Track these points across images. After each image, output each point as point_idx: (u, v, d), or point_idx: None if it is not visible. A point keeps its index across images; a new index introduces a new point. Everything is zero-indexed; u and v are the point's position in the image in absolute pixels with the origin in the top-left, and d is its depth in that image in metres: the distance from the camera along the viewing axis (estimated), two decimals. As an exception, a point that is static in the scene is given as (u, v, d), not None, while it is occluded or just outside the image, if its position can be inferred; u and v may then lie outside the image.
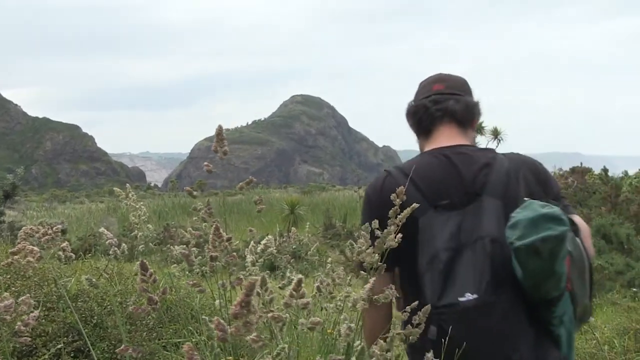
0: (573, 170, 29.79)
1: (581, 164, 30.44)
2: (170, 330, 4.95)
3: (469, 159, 2.84)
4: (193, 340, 4.87)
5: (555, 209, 2.51)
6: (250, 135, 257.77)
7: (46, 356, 3.75)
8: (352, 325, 2.32)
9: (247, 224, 32.13)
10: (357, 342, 2.53)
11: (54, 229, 2.73)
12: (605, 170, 28.03)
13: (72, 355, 3.85)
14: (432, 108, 3.00)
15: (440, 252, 2.61)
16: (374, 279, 2.38)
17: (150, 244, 5.70)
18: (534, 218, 2.48)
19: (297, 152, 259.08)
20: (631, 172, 27.68)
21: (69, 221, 29.37)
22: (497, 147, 36.12)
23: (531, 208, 2.53)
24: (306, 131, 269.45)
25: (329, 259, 4.32)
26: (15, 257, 2.46)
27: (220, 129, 2.27)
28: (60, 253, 2.72)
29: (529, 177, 2.83)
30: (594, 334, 5.50)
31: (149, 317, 4.49)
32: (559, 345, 2.66)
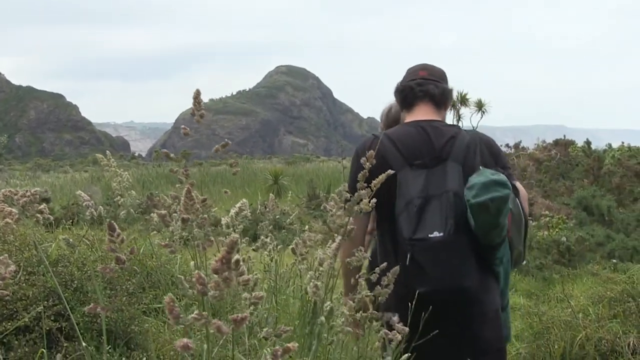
0: (556, 142, 29.87)
1: (564, 136, 30.51)
2: (151, 295, 4.99)
3: (440, 132, 3.70)
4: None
5: (502, 176, 3.40)
6: (234, 105, 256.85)
7: (26, 319, 3.78)
8: (319, 283, 2.39)
9: (232, 193, 32.17)
10: (328, 303, 2.60)
11: (32, 191, 2.74)
12: (588, 142, 28.15)
13: (52, 319, 3.88)
14: (417, 89, 3.88)
15: (414, 198, 3.43)
16: (340, 237, 2.62)
17: (132, 210, 5.73)
18: (485, 182, 3.34)
19: (281, 122, 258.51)
20: (615, 145, 27.82)
21: (52, 190, 29.30)
22: (480, 119, 36.21)
23: (484, 174, 3.40)
24: (291, 102, 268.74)
25: (306, 227, 4.40)
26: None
27: (197, 93, 2.33)
28: (39, 215, 2.74)
29: (484, 150, 3.70)
30: (569, 302, 5.58)
31: (129, 282, 4.52)
32: (498, 281, 3.64)
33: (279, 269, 5.47)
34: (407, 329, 2.81)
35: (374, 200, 2.67)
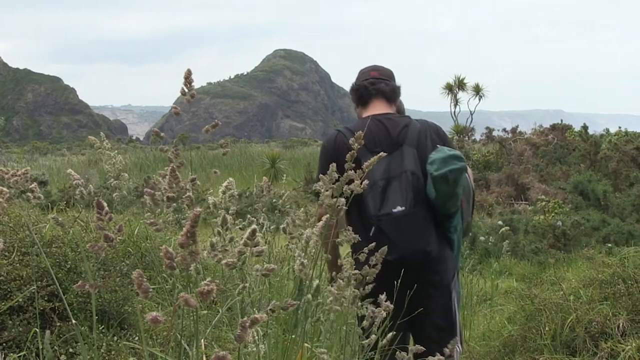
0: (553, 127, 29.90)
1: (561, 121, 30.53)
2: (145, 276, 5.01)
3: (394, 122, 4.29)
4: (167, 286, 4.95)
5: (458, 152, 4.03)
6: (232, 89, 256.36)
7: (20, 299, 3.80)
8: (305, 261, 2.43)
9: (229, 177, 32.12)
10: (316, 282, 2.65)
11: (22, 170, 2.76)
12: (585, 127, 28.16)
13: (45, 299, 3.90)
14: (370, 87, 4.47)
15: (378, 180, 4.01)
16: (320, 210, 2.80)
17: (126, 193, 5.75)
18: (444, 157, 3.95)
19: (279, 106, 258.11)
20: (613, 130, 27.82)
21: (50, 173, 29.27)
22: (478, 103, 36.17)
23: (442, 151, 4.02)
24: (289, 86, 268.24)
25: (301, 209, 4.47)
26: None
27: (188, 72, 2.35)
28: (30, 195, 2.75)
29: (433, 135, 4.29)
30: (561, 285, 5.61)
31: (123, 263, 4.55)
32: (452, 247, 4.26)
33: (273, 251, 5.51)
34: (392, 305, 3.17)
35: (366, 182, 2.95)
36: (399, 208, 3.95)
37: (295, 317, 2.48)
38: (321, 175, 2.91)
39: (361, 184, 2.89)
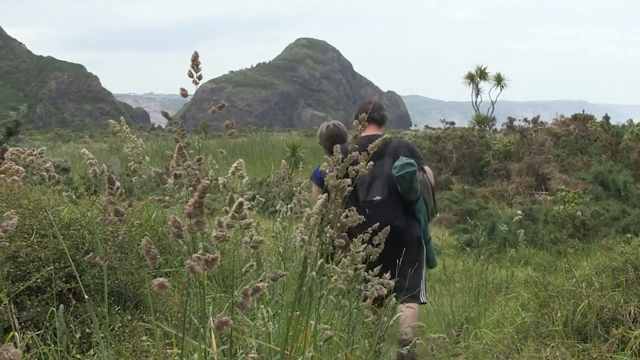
0: (575, 117, 29.75)
1: (583, 111, 30.35)
2: (162, 259, 5.07)
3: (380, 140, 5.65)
4: (183, 269, 5.01)
5: (411, 160, 6.00)
6: (254, 77, 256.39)
7: (38, 280, 3.88)
8: (306, 237, 2.48)
9: (250, 165, 32.25)
10: (321, 260, 2.70)
11: (38, 150, 2.82)
12: (606, 117, 28.02)
13: (63, 280, 3.98)
14: (367, 116, 5.46)
15: (366, 178, 6.01)
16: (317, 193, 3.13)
17: (145, 177, 5.81)
18: (403, 164, 5.96)
19: (301, 95, 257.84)
20: (636, 121, 27.62)
21: (72, 160, 29.44)
22: (500, 93, 36.07)
23: (401, 160, 6.00)
24: (311, 74, 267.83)
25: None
26: (2, 175, 2.56)
27: (195, 55, 2.40)
28: (45, 174, 2.81)
29: (405, 150, 6.26)
30: (574, 272, 5.64)
31: (140, 246, 4.61)
32: (420, 224, 6.31)
33: (289, 236, 5.55)
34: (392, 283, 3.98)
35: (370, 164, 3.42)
36: (377, 197, 6.11)
37: (298, 294, 2.53)
38: (325, 156, 3.23)
39: (355, 178, 3.21)
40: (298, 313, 2.55)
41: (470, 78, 34.74)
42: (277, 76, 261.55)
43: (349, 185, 3.17)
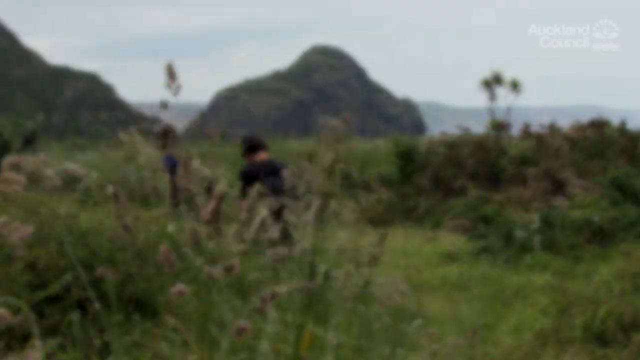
0: (592, 123, 29.64)
1: (600, 117, 30.22)
2: (180, 267, 5.08)
3: (273, 163, 9.26)
4: (201, 277, 5.01)
5: (283, 177, 6.17)
6: (269, 85, 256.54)
7: (56, 288, 3.90)
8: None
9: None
10: (323, 267, 2.70)
11: (40, 159, 2.83)
12: (623, 123, 27.91)
13: (81, 287, 3.99)
14: (257, 143, 9.61)
15: (269, 186, 5.85)
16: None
17: (159, 186, 5.83)
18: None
19: (316, 102, 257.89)
20: (656, 126, 27.55)
21: (88, 168, 29.45)
22: (516, 99, 35.95)
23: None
24: (325, 82, 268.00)
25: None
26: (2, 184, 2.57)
27: (170, 66, 2.41)
28: (48, 182, 2.82)
29: (284, 168, 6.41)
30: (592, 279, 5.62)
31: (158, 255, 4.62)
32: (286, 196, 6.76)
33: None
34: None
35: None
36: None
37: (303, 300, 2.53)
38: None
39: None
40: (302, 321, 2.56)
41: (486, 84, 34.66)
42: (291, 83, 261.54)
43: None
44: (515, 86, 36.61)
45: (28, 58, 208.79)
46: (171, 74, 2.40)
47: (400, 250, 12.57)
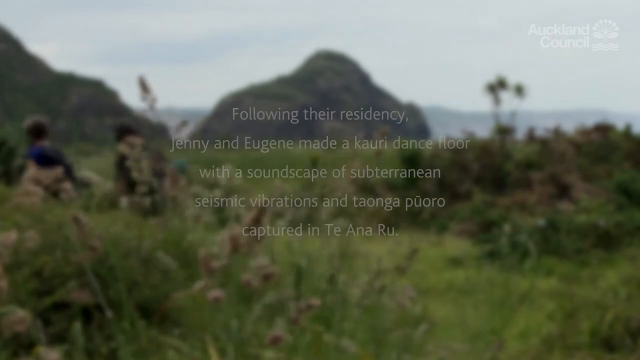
0: (596, 127, 29.62)
1: (605, 120, 30.22)
2: (186, 273, 5.07)
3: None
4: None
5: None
6: (274, 90, 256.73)
7: (62, 295, 3.89)
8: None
9: (268, 177, 32.36)
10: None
11: (56, 171, 2.84)
12: (628, 127, 27.89)
13: (88, 294, 3.99)
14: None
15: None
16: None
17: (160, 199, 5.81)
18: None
19: (320, 107, 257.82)
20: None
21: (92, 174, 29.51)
22: (520, 103, 35.89)
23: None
24: (330, 86, 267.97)
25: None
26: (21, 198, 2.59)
27: (142, 79, 2.42)
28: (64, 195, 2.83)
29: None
30: (598, 284, 5.60)
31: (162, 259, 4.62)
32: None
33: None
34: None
35: None
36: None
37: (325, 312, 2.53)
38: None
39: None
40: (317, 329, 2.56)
41: (490, 88, 34.61)
42: (296, 88, 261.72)
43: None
44: (519, 90, 36.57)
45: (33, 64, 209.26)
46: (144, 86, 2.42)
47: (406, 255, 12.56)
